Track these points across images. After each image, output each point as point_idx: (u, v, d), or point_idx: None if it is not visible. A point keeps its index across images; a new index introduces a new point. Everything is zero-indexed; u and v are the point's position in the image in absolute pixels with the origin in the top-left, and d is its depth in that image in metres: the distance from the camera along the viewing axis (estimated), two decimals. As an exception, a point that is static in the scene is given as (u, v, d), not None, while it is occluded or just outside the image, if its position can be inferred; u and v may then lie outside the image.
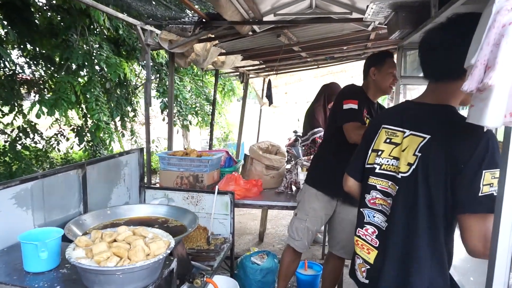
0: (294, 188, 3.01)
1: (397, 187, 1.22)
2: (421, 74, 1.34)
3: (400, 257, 1.20)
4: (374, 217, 1.32)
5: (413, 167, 1.17)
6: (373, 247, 1.30)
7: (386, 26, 2.69)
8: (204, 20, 2.79)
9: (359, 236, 1.37)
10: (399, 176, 1.22)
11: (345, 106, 2.14)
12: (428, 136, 1.15)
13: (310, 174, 2.50)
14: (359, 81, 7.23)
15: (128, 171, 2.61)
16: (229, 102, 8.12)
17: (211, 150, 4.27)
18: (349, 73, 6.74)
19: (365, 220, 1.35)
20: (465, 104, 1.24)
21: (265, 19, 2.77)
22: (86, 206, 2.12)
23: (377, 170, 1.31)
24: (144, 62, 3.04)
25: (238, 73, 5.92)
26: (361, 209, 1.38)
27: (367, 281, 1.32)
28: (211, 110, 6.90)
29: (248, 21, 2.74)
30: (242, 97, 7.34)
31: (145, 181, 3.20)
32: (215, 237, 2.60)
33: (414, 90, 5.76)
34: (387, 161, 1.28)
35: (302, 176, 2.77)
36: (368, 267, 1.31)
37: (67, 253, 1.27)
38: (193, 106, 6.54)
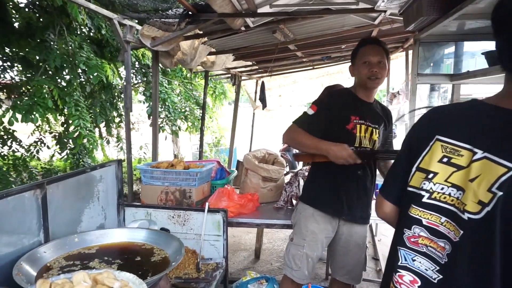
0: (294, 202, 2.67)
1: (461, 232, 0.87)
2: (440, 71, 0.99)
3: None
4: (414, 261, 0.98)
5: (488, 209, 0.81)
6: None
7: (396, 18, 2.38)
8: (190, 12, 2.45)
9: (393, 283, 1.02)
10: (465, 216, 0.86)
11: (306, 110, 2.02)
12: (469, 146, 0.85)
13: (306, 190, 2.14)
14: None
15: (103, 187, 2.24)
16: (220, 105, 7.75)
17: (201, 160, 3.91)
18: (346, 74, 6.45)
19: (399, 263, 1.00)
20: None
21: (259, 11, 2.43)
22: (48, 234, 1.75)
23: (425, 199, 0.95)
24: (123, 62, 2.68)
25: (229, 75, 5.57)
26: (397, 246, 1.02)
27: None
28: (201, 115, 6.55)
29: (240, 13, 2.40)
30: (234, 100, 7.00)
31: (127, 196, 2.84)
32: (206, 262, 2.25)
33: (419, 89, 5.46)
34: (442, 189, 0.92)
35: (304, 189, 2.42)
36: None
37: (-6, 320, 0.91)
38: (183, 110, 6.17)
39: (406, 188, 1.02)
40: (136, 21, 2.67)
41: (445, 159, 0.92)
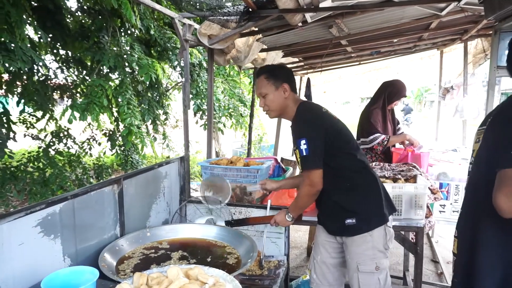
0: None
1: (468, 177, 1.37)
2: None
3: (467, 242, 1.26)
4: None
5: (475, 153, 1.31)
6: (455, 237, 1.40)
7: (469, 7, 2.25)
8: (250, 9, 2.43)
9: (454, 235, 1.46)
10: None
11: None
12: (484, 127, 1.29)
13: None
14: (404, 77, 6.62)
15: (168, 183, 2.29)
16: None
17: (257, 157, 3.91)
18: (394, 69, 6.22)
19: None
20: None
21: (321, 5, 2.38)
22: (123, 227, 1.81)
23: (469, 169, 1.39)
24: (182, 59, 2.72)
25: (275, 72, 5.52)
26: None
27: (456, 280, 1.36)
28: (245, 112, 6.56)
29: (302, 8, 2.35)
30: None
31: (186, 192, 2.89)
32: (267, 259, 2.24)
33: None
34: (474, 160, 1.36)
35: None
36: (454, 258, 1.41)
37: (105, 312, 0.94)
38: (227, 107, 6.22)
39: None
40: (195, 20, 2.71)
41: (477, 140, 1.33)
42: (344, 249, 1.86)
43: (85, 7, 5.45)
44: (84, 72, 5.70)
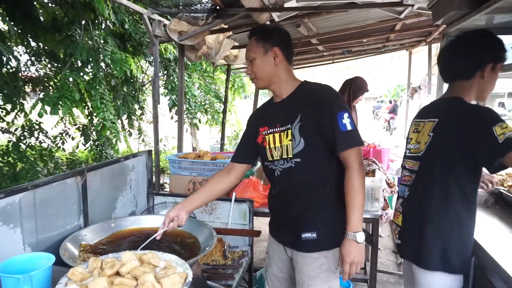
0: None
1: (419, 163, 1.55)
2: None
3: (418, 217, 1.51)
4: (404, 191, 1.63)
5: (428, 144, 1.50)
6: (399, 212, 1.63)
7: (423, 12, 2.38)
8: (218, 7, 2.50)
9: (395, 208, 1.70)
10: (420, 154, 1.55)
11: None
12: (436, 119, 1.49)
13: None
14: (376, 76, 6.81)
15: (135, 176, 2.33)
16: (240, 99, 7.81)
17: (225, 152, 3.98)
18: (366, 68, 6.42)
19: (399, 194, 1.68)
20: (480, 98, 1.54)
21: (286, 5, 2.47)
22: (87, 218, 1.85)
23: (407, 154, 1.66)
24: (152, 55, 2.77)
25: (249, 69, 5.60)
26: (398, 185, 1.76)
27: (399, 241, 1.62)
28: (221, 108, 6.62)
29: (267, 7, 2.44)
30: (250, 94, 7.04)
31: (154, 186, 2.94)
32: (232, 250, 2.33)
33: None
34: (414, 146, 1.61)
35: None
36: (399, 229, 1.62)
37: (57, 292, 1.00)
38: (202, 103, 6.25)
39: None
40: (165, 16, 2.75)
41: (415, 130, 1.63)
42: (294, 266, 1.62)
43: (57, -1, 5.36)
44: (57, 65, 5.61)
